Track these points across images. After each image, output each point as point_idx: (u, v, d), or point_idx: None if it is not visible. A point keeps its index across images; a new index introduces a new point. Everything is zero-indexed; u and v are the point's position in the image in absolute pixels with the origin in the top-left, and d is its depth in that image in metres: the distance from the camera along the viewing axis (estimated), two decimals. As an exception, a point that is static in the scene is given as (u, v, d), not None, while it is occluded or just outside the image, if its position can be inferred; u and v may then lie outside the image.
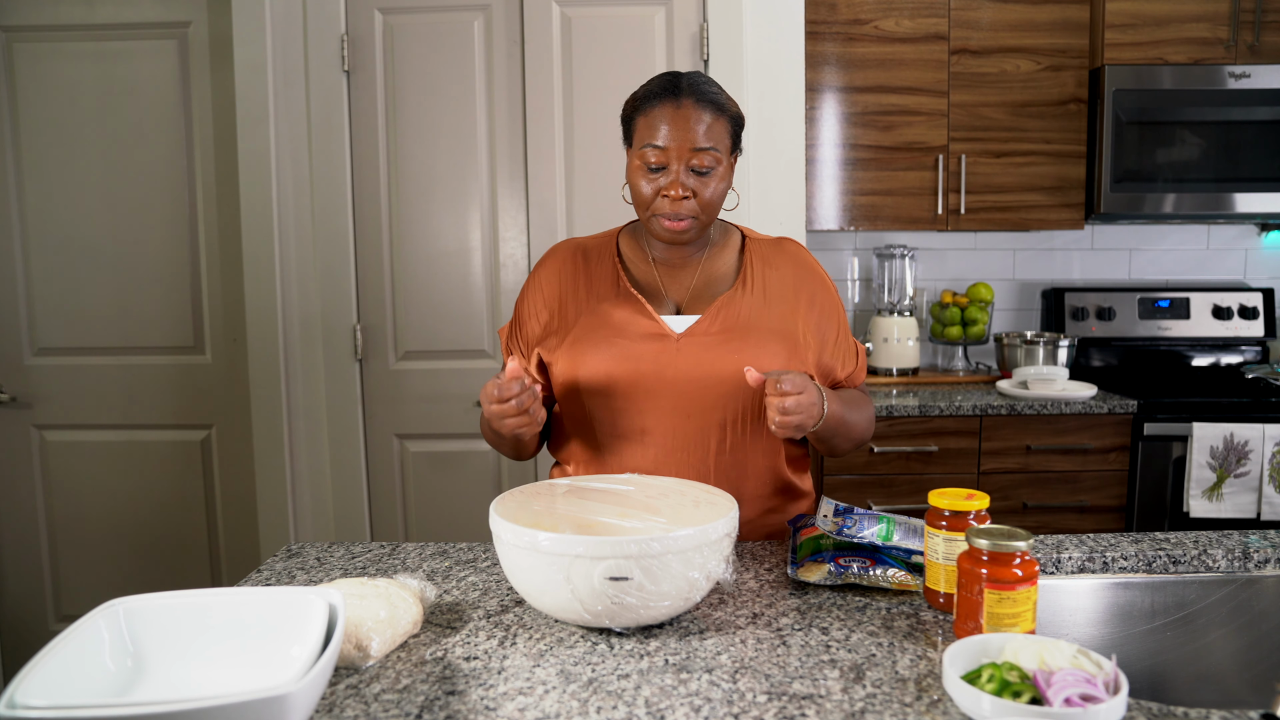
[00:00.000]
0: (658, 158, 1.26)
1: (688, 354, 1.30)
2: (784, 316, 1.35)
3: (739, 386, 1.29)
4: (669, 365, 1.30)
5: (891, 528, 1.17)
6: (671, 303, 1.37)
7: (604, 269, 1.39)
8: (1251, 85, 2.58)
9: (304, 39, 2.39)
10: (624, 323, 1.33)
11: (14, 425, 2.59)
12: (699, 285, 1.38)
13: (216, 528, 2.61)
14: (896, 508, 2.44)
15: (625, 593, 0.93)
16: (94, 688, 0.79)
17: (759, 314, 1.34)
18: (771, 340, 1.31)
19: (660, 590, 0.94)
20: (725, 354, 1.29)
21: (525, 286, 1.44)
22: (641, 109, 1.29)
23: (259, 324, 2.42)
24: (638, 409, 1.31)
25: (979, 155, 2.70)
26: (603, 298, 1.36)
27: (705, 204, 1.28)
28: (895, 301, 2.88)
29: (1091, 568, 1.22)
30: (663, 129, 1.25)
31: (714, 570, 0.98)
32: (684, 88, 1.27)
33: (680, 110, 1.25)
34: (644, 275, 1.39)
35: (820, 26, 2.64)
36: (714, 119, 1.27)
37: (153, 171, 2.51)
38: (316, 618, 0.85)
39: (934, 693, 0.86)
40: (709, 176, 1.27)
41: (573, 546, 0.92)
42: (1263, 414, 2.43)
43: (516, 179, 2.44)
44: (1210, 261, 3.09)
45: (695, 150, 1.25)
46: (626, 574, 0.92)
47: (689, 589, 0.97)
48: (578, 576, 0.93)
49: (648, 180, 1.28)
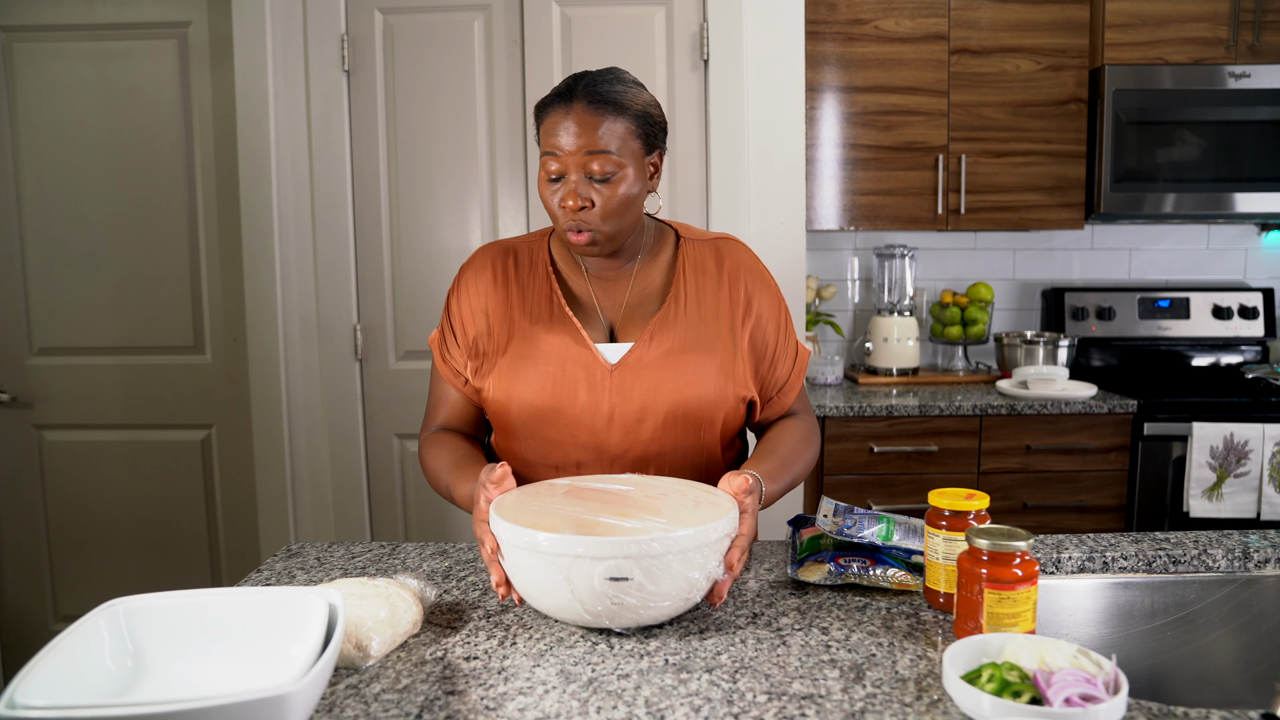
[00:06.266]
0: (556, 167, 1.18)
1: (622, 387, 1.23)
2: (718, 333, 1.27)
3: (674, 417, 1.23)
4: (603, 399, 1.23)
5: (891, 528, 1.17)
6: (605, 321, 1.29)
7: (536, 282, 1.31)
8: (1251, 85, 2.58)
9: (304, 39, 2.39)
10: (557, 350, 1.25)
11: (14, 425, 2.59)
12: (632, 301, 1.30)
13: (216, 528, 2.61)
14: (896, 508, 2.44)
15: (625, 593, 0.93)
16: (94, 688, 0.79)
17: (693, 333, 1.26)
18: (706, 364, 1.24)
19: (660, 590, 0.94)
20: (658, 384, 1.23)
21: (450, 293, 1.35)
22: (540, 116, 1.21)
23: (259, 324, 2.42)
24: (572, 441, 1.25)
25: (979, 155, 2.70)
26: (536, 318, 1.28)
27: (607, 213, 1.18)
28: (895, 301, 2.88)
29: (1091, 568, 1.22)
30: (555, 136, 1.17)
31: (714, 570, 0.98)
32: (578, 90, 1.18)
33: (571, 114, 1.16)
34: (579, 288, 1.31)
35: (820, 26, 2.64)
36: (612, 120, 1.17)
37: (153, 172, 2.51)
38: (316, 618, 0.85)
39: (934, 693, 0.86)
40: (608, 183, 1.18)
41: (572, 546, 0.92)
42: (1263, 414, 2.43)
43: (516, 179, 2.44)
44: (1210, 261, 3.09)
45: (589, 155, 1.16)
46: (627, 574, 0.92)
47: (689, 589, 0.97)
48: (578, 577, 0.93)
49: (550, 191, 1.20)
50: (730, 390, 1.25)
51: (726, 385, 1.25)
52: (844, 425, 2.47)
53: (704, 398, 1.24)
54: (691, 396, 1.23)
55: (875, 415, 2.47)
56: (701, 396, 1.23)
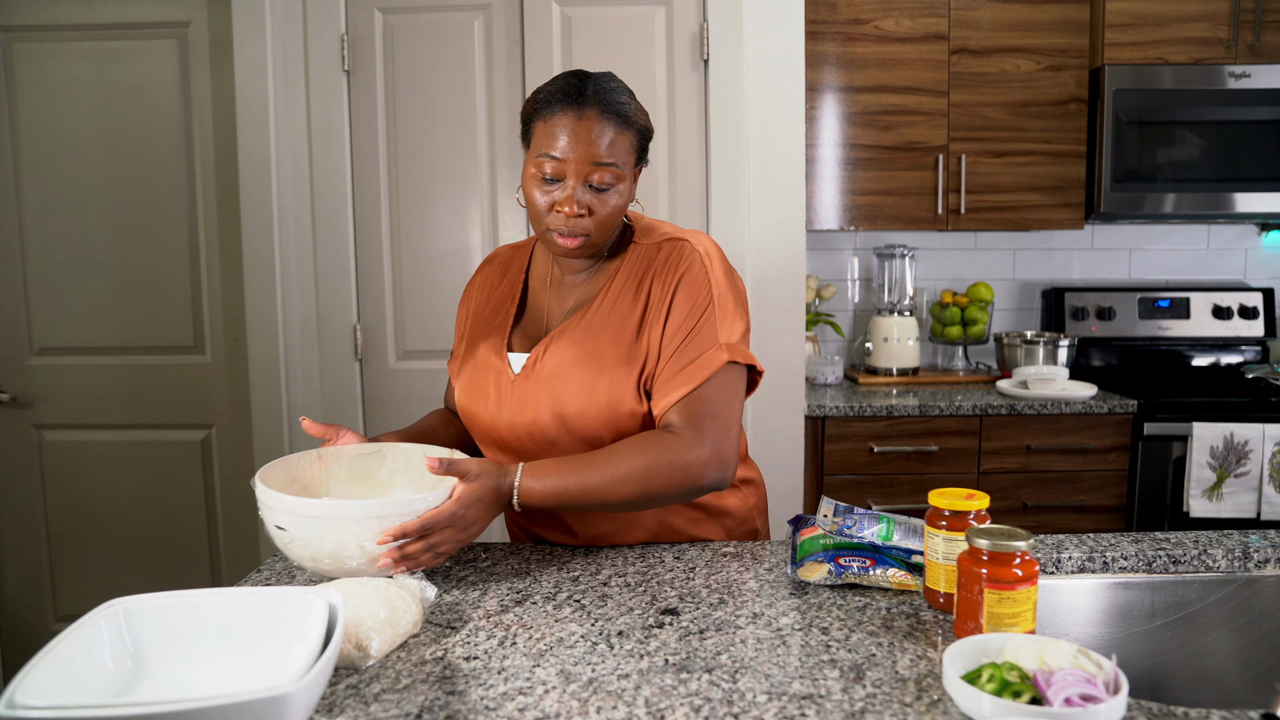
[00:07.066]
0: (554, 169, 1.16)
1: (516, 398, 1.24)
2: (616, 344, 1.21)
3: (562, 429, 1.21)
4: (503, 408, 1.25)
5: (891, 528, 1.17)
6: (547, 329, 1.29)
7: (508, 285, 1.34)
8: (1251, 85, 2.58)
9: (304, 39, 2.39)
10: (483, 357, 1.29)
11: (14, 425, 2.59)
12: (571, 308, 1.29)
13: (216, 528, 2.61)
14: (896, 508, 2.44)
15: (290, 545, 1.06)
16: (94, 688, 0.79)
17: (590, 345, 1.22)
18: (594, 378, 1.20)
19: (320, 549, 1.04)
20: (543, 396, 1.21)
21: (464, 293, 1.42)
22: (541, 113, 1.18)
23: (259, 324, 2.42)
24: (491, 446, 1.30)
25: (979, 155, 2.70)
26: (487, 321, 1.32)
27: (601, 222, 1.19)
28: (895, 301, 2.88)
29: (1091, 568, 1.22)
30: (561, 139, 1.15)
31: (367, 544, 1.03)
32: (589, 95, 1.16)
33: (582, 121, 1.15)
34: (539, 295, 1.33)
35: (820, 26, 2.64)
36: (618, 133, 1.17)
37: (153, 171, 2.51)
38: (316, 618, 0.85)
39: (934, 693, 0.86)
40: (607, 194, 1.18)
41: (265, 495, 1.06)
42: (1263, 414, 2.43)
43: (516, 179, 2.44)
44: (1210, 261, 3.09)
45: (596, 165, 1.16)
46: (285, 526, 1.05)
47: (339, 552, 1.04)
48: (268, 521, 1.09)
49: (542, 191, 1.18)
50: (618, 403, 1.20)
51: (611, 399, 1.20)
52: (844, 425, 2.47)
53: (586, 412, 1.20)
54: (574, 410, 1.20)
55: (875, 415, 2.47)
56: (584, 410, 1.20)
